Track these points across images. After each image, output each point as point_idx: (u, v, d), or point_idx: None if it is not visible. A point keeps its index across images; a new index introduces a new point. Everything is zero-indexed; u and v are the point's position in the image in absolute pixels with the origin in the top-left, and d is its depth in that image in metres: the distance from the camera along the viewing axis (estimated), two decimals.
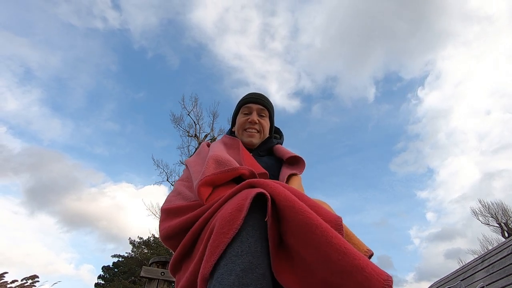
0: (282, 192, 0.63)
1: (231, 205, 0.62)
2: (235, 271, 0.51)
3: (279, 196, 0.62)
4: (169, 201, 0.91)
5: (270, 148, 1.22)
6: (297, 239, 0.58)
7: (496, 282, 4.08)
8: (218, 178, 0.82)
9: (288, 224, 0.60)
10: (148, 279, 2.53)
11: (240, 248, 0.55)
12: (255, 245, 0.56)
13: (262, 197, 0.63)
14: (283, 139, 1.34)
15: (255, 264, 0.53)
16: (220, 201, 0.70)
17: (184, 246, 0.74)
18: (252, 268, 0.52)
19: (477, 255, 6.52)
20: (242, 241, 0.56)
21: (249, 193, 0.62)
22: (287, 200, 0.61)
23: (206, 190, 0.80)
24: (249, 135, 1.18)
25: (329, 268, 0.52)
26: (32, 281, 2.97)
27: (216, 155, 0.91)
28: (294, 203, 0.60)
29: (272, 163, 1.13)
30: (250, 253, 0.55)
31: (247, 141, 1.18)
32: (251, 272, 0.52)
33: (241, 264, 0.52)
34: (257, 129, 1.19)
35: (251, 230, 0.58)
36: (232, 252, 0.55)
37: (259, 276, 0.52)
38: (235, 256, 0.54)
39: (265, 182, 0.68)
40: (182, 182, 0.99)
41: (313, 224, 0.55)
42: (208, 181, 0.80)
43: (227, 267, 0.53)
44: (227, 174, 0.83)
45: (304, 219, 0.56)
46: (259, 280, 0.52)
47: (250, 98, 1.24)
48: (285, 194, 0.62)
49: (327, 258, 0.52)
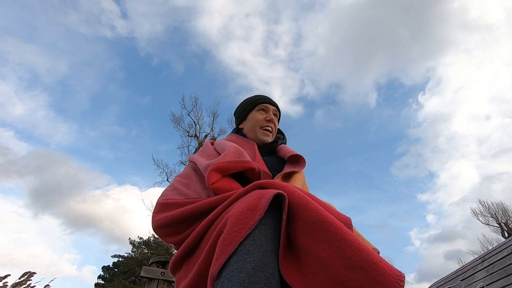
0: (295, 191, 0.64)
1: (242, 204, 0.62)
2: (246, 269, 0.51)
3: (293, 194, 0.63)
4: (165, 195, 0.91)
5: (273, 148, 1.25)
6: (310, 237, 0.58)
7: (496, 282, 4.07)
8: (232, 167, 0.85)
9: (301, 223, 0.60)
10: (148, 279, 2.53)
11: (252, 246, 0.55)
12: (267, 244, 0.57)
13: (276, 198, 0.63)
14: (286, 139, 1.36)
15: (265, 263, 0.53)
16: (226, 203, 0.70)
17: (187, 246, 0.74)
18: (262, 267, 0.52)
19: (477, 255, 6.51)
20: (254, 239, 0.56)
21: (263, 193, 0.63)
22: (301, 199, 0.62)
23: (216, 175, 0.82)
24: (265, 134, 1.22)
25: (342, 263, 0.52)
26: (28, 277, 2.97)
27: (236, 146, 0.96)
28: (308, 201, 0.61)
29: (274, 161, 1.15)
30: (262, 251, 0.55)
31: (262, 138, 1.20)
32: (261, 271, 0.52)
33: (252, 262, 0.52)
34: (272, 129, 1.24)
35: (263, 229, 0.58)
36: (244, 250, 0.54)
37: (269, 275, 0.52)
38: (246, 254, 0.53)
39: (276, 182, 0.69)
40: (180, 178, 1.00)
41: (327, 222, 0.57)
42: (221, 167, 0.82)
43: (237, 265, 0.52)
44: (241, 164, 0.86)
45: (318, 216, 0.58)
46: (269, 279, 0.52)
47: (266, 99, 1.29)
48: (298, 193, 0.64)
49: (341, 253, 0.52)
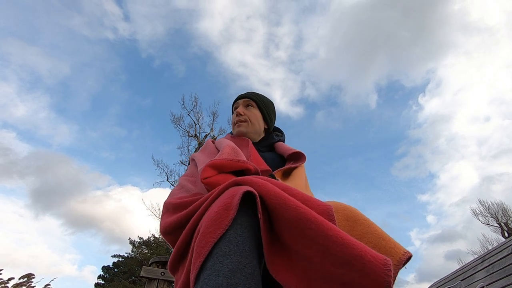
0: (272, 190, 0.61)
1: (218, 203, 0.61)
2: (223, 272, 0.50)
3: (269, 194, 0.61)
4: (173, 194, 0.92)
5: (271, 144, 1.23)
6: (293, 235, 0.57)
7: (496, 282, 4.07)
8: (229, 165, 0.84)
9: (282, 222, 0.59)
10: (148, 279, 2.53)
11: (228, 248, 0.53)
12: (244, 244, 0.55)
13: (251, 195, 0.61)
14: (284, 137, 1.35)
15: (243, 263, 0.52)
16: (208, 202, 0.69)
17: (179, 246, 0.74)
18: (240, 268, 0.51)
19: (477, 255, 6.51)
20: (230, 240, 0.55)
21: (236, 191, 0.61)
22: (277, 197, 0.59)
23: (211, 171, 0.81)
24: (237, 127, 1.21)
25: (330, 259, 0.51)
26: (28, 279, 2.98)
27: (233, 145, 0.95)
28: (285, 199, 0.59)
29: (273, 158, 1.13)
30: (239, 252, 0.53)
31: (236, 132, 1.20)
32: (239, 272, 0.50)
33: (229, 264, 0.51)
34: (243, 120, 1.21)
35: (239, 228, 0.57)
36: (220, 252, 0.53)
37: (248, 275, 0.51)
38: (223, 256, 0.52)
39: (252, 179, 0.67)
40: (186, 176, 1.01)
41: (307, 219, 0.54)
42: (218, 164, 0.82)
43: (214, 268, 0.51)
44: (237, 163, 0.85)
45: (298, 215, 0.56)
46: (248, 279, 0.50)
47: (237, 97, 1.29)
48: (275, 191, 0.61)
49: (326, 250, 0.51)
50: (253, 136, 1.22)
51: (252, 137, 1.22)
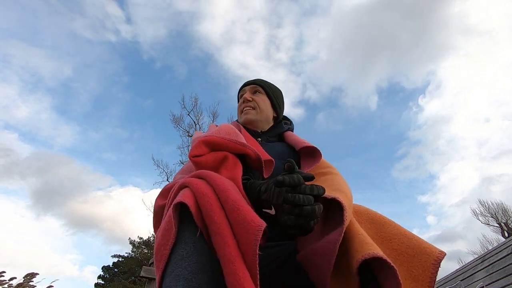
0: (204, 203, 0.56)
1: (170, 209, 0.58)
2: (183, 275, 0.48)
3: (204, 206, 0.56)
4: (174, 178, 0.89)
5: (281, 133, 1.14)
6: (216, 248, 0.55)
7: (496, 282, 4.07)
8: (225, 144, 0.79)
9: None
10: (148, 279, 2.54)
11: (185, 250, 0.51)
12: (200, 242, 0.53)
13: None
14: (293, 126, 1.25)
15: (203, 262, 0.51)
16: (170, 200, 0.65)
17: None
18: (200, 268, 0.50)
19: (477, 255, 6.51)
20: (186, 242, 0.52)
21: (175, 208, 0.57)
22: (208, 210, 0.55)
23: (203, 147, 0.77)
24: (244, 114, 1.11)
25: None
26: (30, 277, 2.99)
27: (232, 126, 0.90)
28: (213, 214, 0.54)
29: (284, 150, 1.04)
30: (196, 252, 0.51)
31: (244, 119, 1.11)
32: (201, 272, 0.49)
33: (188, 267, 0.49)
34: (251, 106, 1.12)
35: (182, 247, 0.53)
36: (178, 256, 0.51)
37: (209, 273, 0.50)
38: (181, 260, 0.50)
39: (212, 178, 0.62)
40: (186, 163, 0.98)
41: (225, 235, 0.51)
42: (213, 141, 0.77)
43: (174, 274, 0.49)
44: (234, 144, 0.79)
45: (217, 230, 0.52)
46: (210, 277, 0.50)
47: (243, 84, 1.21)
48: (207, 207, 0.55)
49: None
50: (261, 124, 1.12)
51: (261, 125, 1.12)
